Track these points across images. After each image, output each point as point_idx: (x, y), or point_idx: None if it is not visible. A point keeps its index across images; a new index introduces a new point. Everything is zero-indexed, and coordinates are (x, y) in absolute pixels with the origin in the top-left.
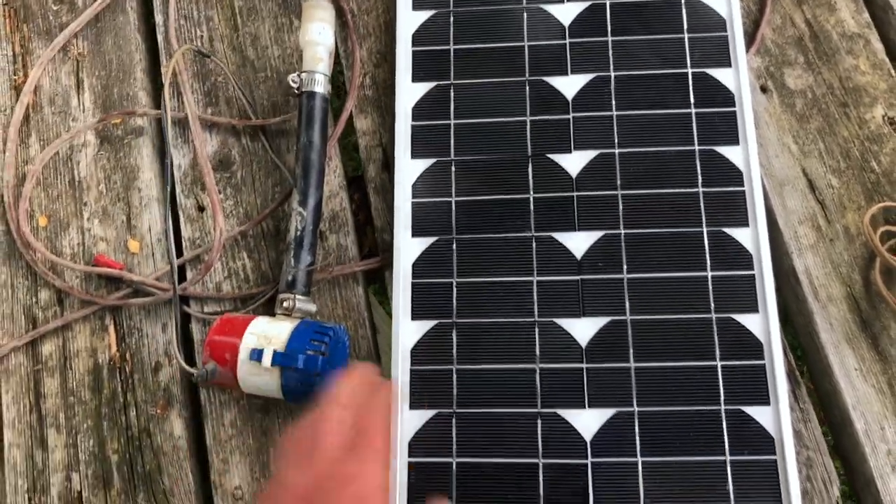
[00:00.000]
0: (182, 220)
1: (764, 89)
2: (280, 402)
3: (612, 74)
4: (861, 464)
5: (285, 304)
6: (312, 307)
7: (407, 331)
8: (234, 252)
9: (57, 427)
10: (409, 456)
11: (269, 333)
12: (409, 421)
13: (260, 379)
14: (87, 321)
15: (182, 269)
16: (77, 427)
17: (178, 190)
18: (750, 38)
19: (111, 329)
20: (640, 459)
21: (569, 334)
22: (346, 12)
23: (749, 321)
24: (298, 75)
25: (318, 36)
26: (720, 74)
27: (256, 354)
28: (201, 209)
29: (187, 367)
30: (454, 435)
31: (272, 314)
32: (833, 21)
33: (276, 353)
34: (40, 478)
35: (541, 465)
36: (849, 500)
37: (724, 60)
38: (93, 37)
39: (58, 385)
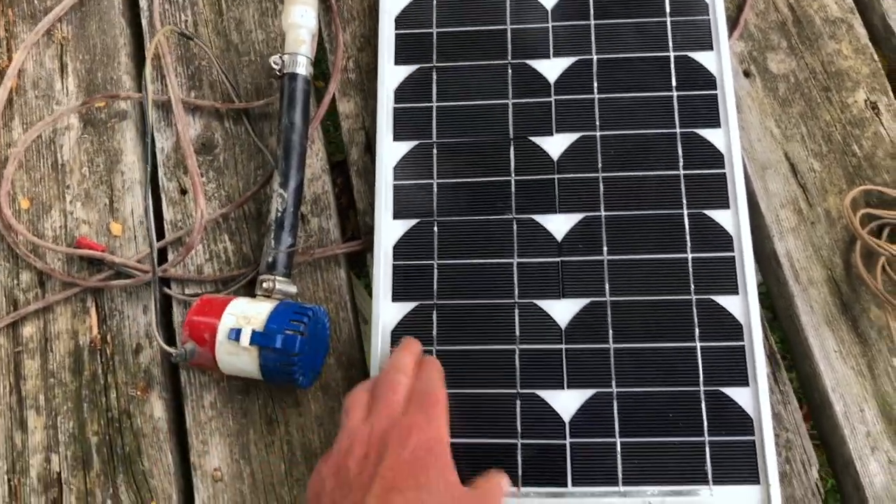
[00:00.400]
0: (164, 202)
1: (747, 74)
2: (260, 384)
3: (595, 58)
4: (840, 445)
5: (265, 285)
6: (293, 289)
7: (387, 312)
8: (215, 235)
9: (37, 409)
10: None
11: (247, 313)
12: None
13: (238, 359)
14: (68, 303)
15: (163, 252)
16: (57, 409)
17: (160, 173)
18: (733, 23)
19: (92, 311)
20: (618, 440)
21: (548, 315)
22: None
23: (729, 302)
24: (280, 57)
25: (301, 18)
26: (702, 58)
27: (235, 334)
28: (183, 192)
29: (166, 347)
30: None
31: (253, 296)
32: (816, 6)
33: (254, 333)
34: (19, 459)
35: (519, 445)
36: (828, 482)
37: (707, 44)
38: (77, 21)
39: (38, 367)
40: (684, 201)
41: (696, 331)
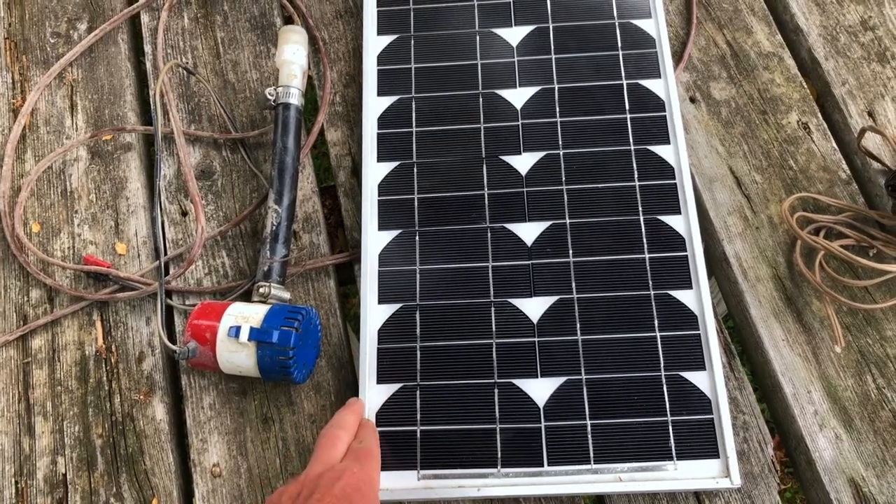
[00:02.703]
0: (166, 223)
1: (693, 100)
2: (256, 384)
3: (556, 86)
4: (791, 424)
5: (261, 290)
6: (287, 294)
7: (374, 314)
8: (214, 251)
9: (44, 415)
10: (377, 426)
11: (245, 313)
12: (377, 394)
13: (237, 355)
14: (75, 317)
15: (165, 267)
16: (63, 414)
17: (162, 196)
18: (678, 57)
19: (98, 323)
20: (588, 422)
21: (522, 312)
22: (319, 40)
23: (684, 296)
24: (275, 89)
25: (293, 56)
26: (651, 84)
27: (234, 331)
28: (184, 214)
29: (169, 345)
30: (418, 405)
31: (249, 302)
32: (751, 42)
33: (252, 329)
34: (27, 462)
35: (498, 429)
36: (783, 459)
37: (655, 73)
38: (87, 65)
39: (46, 376)
40: (640, 208)
41: (656, 322)
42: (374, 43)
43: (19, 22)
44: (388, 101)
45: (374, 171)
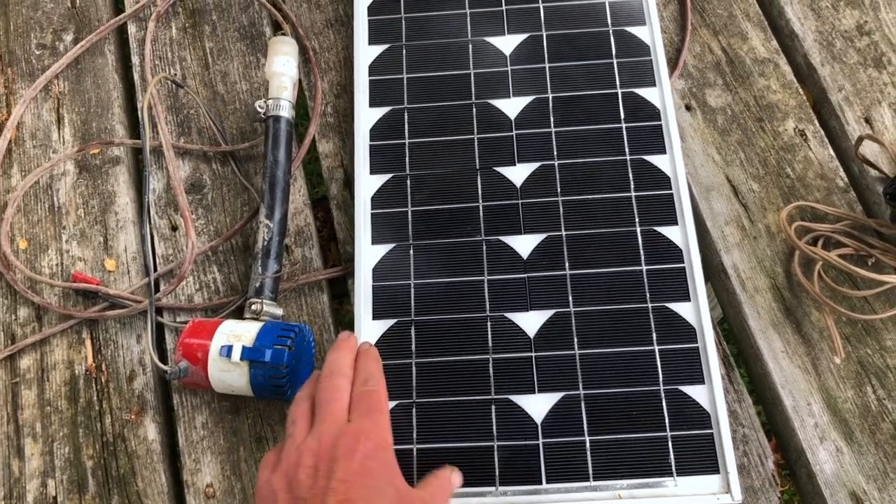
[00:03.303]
0: (156, 238)
1: (688, 108)
2: (249, 403)
3: (550, 96)
4: (791, 437)
5: (254, 307)
6: (279, 311)
7: (368, 330)
8: (205, 267)
9: (34, 436)
10: None
11: (237, 332)
12: None
13: (230, 375)
14: (64, 335)
15: (156, 284)
16: (53, 435)
17: (152, 211)
18: (673, 64)
19: (88, 342)
20: (587, 438)
21: (518, 326)
22: (309, 50)
23: (682, 309)
24: (265, 101)
25: (283, 67)
26: (647, 93)
27: (226, 351)
28: (174, 228)
29: (161, 365)
30: (414, 423)
31: (241, 319)
32: (746, 48)
33: (244, 349)
34: (16, 485)
35: (496, 447)
36: (784, 473)
37: (650, 81)
38: (73, 77)
39: (35, 396)
40: (637, 219)
41: (654, 335)
42: (366, 52)
43: (4, 33)
44: (380, 111)
45: (367, 184)
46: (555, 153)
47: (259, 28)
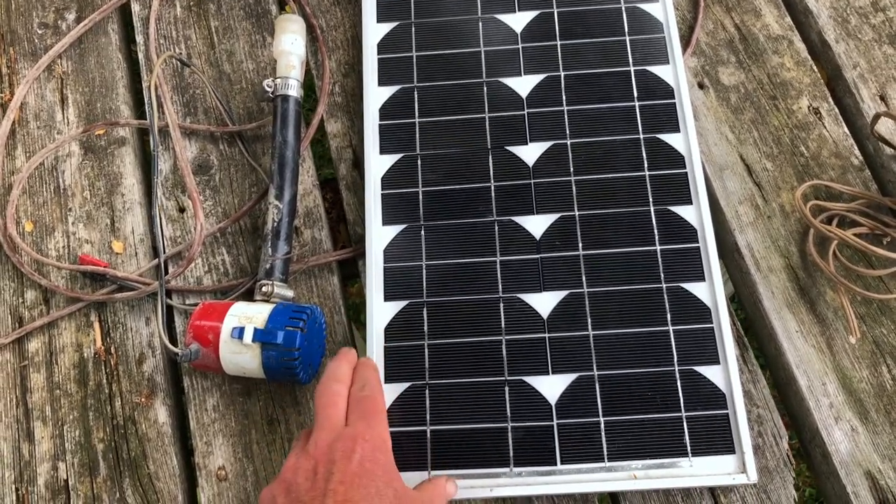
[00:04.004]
0: (164, 220)
1: (701, 86)
2: (261, 385)
3: (562, 74)
4: (806, 417)
5: (264, 289)
6: (290, 293)
7: (380, 311)
8: (213, 248)
9: (43, 419)
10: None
11: (249, 314)
12: (385, 394)
13: (241, 357)
14: (72, 318)
15: (165, 266)
16: (63, 418)
17: (159, 192)
18: (686, 41)
19: (96, 325)
20: (601, 419)
21: (531, 307)
22: (316, 28)
23: (696, 289)
24: (273, 81)
25: (291, 46)
26: (660, 71)
27: (238, 332)
28: (181, 210)
29: (171, 347)
30: (427, 405)
31: (252, 301)
32: (759, 25)
33: (256, 330)
34: (27, 469)
35: (510, 428)
36: (798, 453)
37: (663, 59)
38: (76, 57)
39: (44, 379)
40: (650, 199)
41: (668, 315)
42: (374, 31)
43: (5, 12)
44: (389, 90)
45: (377, 164)
46: (567, 132)
47: (265, 6)
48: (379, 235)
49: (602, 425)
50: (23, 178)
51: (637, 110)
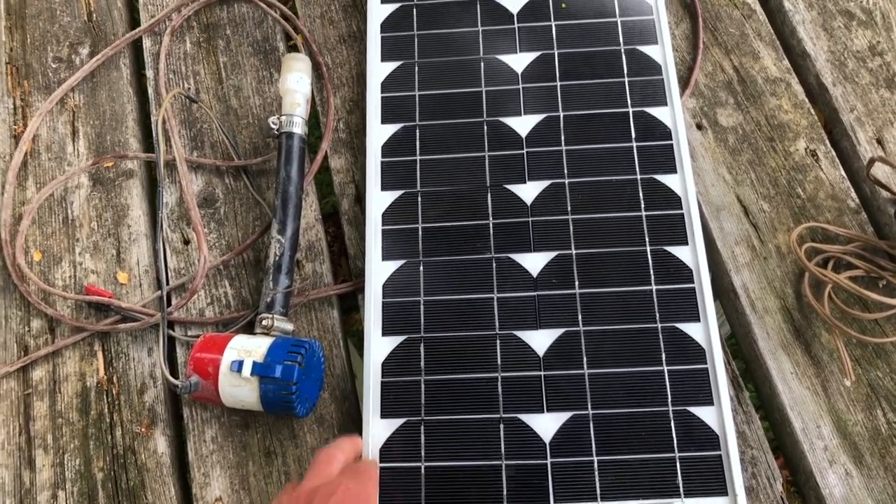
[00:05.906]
0: (168, 252)
1: (699, 126)
2: (258, 418)
3: (561, 114)
4: (801, 460)
5: (264, 322)
6: (290, 326)
7: (378, 346)
8: (216, 281)
9: (45, 448)
10: (380, 461)
11: (248, 347)
12: (381, 429)
13: (240, 390)
14: (76, 347)
15: (168, 298)
16: (64, 447)
17: (164, 224)
18: (685, 83)
19: (99, 354)
20: (595, 458)
21: (527, 345)
22: (322, 65)
23: (691, 329)
24: (278, 118)
25: (296, 84)
26: (658, 112)
27: (237, 366)
28: (186, 242)
29: (171, 379)
30: (422, 441)
31: (252, 334)
32: (758, 67)
33: (255, 364)
34: (27, 496)
35: (504, 466)
36: (793, 495)
37: (661, 100)
38: (88, 90)
39: (47, 408)
40: (647, 239)
41: (663, 355)
42: (378, 69)
43: (21, 47)
44: (392, 128)
45: (378, 200)
46: (565, 171)
47: (272, 43)
48: (378, 270)
49: (596, 464)
50: (33, 208)
51: (635, 151)
